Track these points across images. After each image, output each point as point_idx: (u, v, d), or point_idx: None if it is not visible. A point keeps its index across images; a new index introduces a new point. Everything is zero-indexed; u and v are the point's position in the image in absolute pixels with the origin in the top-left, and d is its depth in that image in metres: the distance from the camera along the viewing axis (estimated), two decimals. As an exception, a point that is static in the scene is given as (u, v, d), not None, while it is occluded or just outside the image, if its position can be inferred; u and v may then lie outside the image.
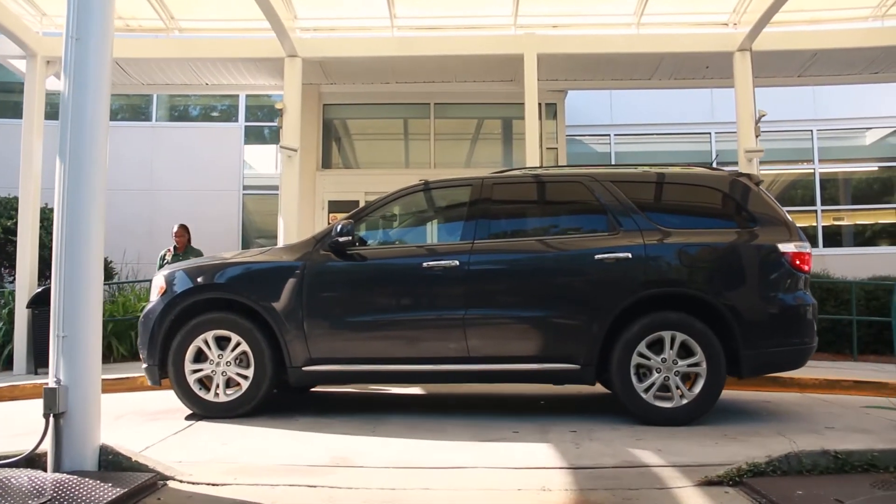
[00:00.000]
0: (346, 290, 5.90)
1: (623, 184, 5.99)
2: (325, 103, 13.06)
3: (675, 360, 5.58)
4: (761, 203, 5.92)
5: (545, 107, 12.62)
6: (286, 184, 10.03)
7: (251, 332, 5.88)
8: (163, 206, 15.95)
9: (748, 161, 9.69)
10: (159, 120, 16.66)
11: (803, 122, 14.63)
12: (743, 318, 5.56)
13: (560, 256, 5.79)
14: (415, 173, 12.83)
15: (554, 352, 5.68)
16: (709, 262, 5.70)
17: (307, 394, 7.15)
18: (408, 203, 6.61)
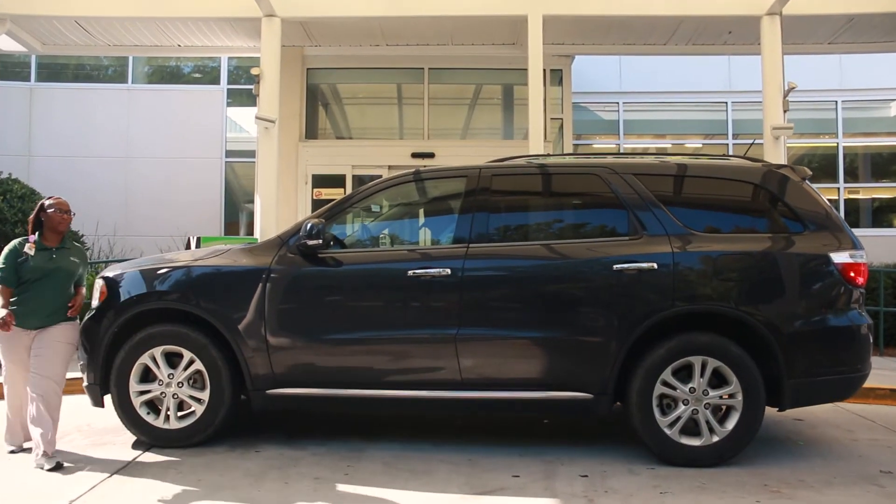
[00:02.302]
0: (317, 301, 5.00)
1: (647, 177, 5.05)
2: (308, 67, 12.00)
3: (705, 390, 4.71)
4: (809, 202, 4.99)
5: (550, 73, 11.64)
6: (263, 157, 9.10)
7: (206, 349, 5.01)
8: (140, 174, 14.97)
9: (775, 139, 8.73)
10: (136, 82, 15.57)
11: (827, 91, 13.57)
12: (787, 341, 4.68)
13: (571, 265, 4.87)
14: (407, 145, 11.89)
15: (562, 379, 4.81)
16: (748, 274, 4.79)
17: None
18: (391, 197, 5.66)
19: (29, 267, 4.90)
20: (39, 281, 4.91)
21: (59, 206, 5.04)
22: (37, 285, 4.91)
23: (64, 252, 5.09)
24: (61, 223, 5.05)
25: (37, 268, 4.92)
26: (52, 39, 10.58)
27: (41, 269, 4.94)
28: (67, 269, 5.06)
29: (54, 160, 14.72)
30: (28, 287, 4.90)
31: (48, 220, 5.01)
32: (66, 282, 5.05)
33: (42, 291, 4.92)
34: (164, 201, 14.77)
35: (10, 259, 4.92)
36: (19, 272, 4.89)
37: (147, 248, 13.56)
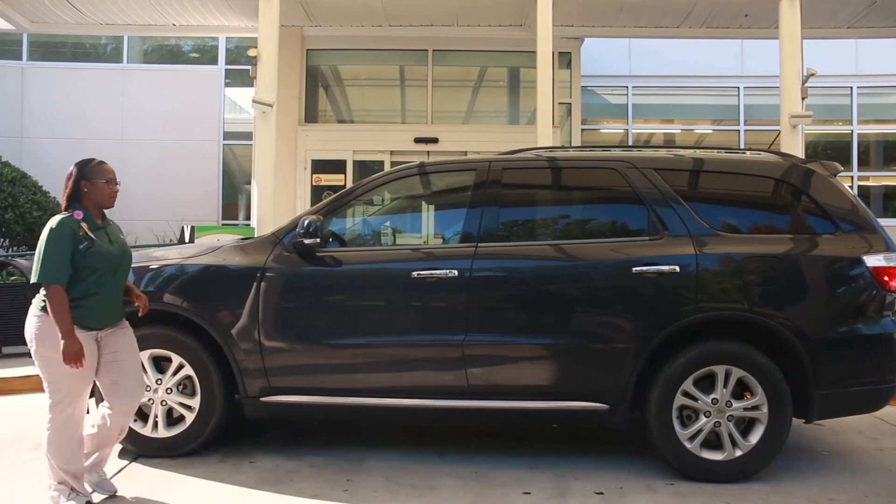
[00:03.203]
0: (315, 303, 4.68)
1: (668, 172, 4.71)
2: (308, 48, 11.64)
3: (728, 401, 4.41)
4: (840, 200, 4.66)
5: (558, 56, 11.27)
6: (261, 142, 8.76)
7: (196, 353, 4.69)
8: (135, 156, 14.63)
9: (792, 128, 8.41)
10: (131, 62, 15.19)
11: (843, 77, 13.19)
12: (816, 350, 4.36)
13: (586, 267, 4.55)
14: (410, 129, 11.55)
15: (576, 388, 4.50)
16: (776, 278, 4.46)
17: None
18: (394, 191, 5.33)
19: (95, 253, 3.76)
20: (104, 270, 3.84)
21: (107, 175, 3.90)
22: (100, 276, 3.83)
23: (113, 231, 4.05)
24: (112, 198, 3.95)
25: (104, 253, 3.83)
26: (41, 17, 10.21)
27: (108, 254, 3.86)
28: (128, 252, 4.08)
29: (47, 141, 14.39)
30: (86, 277, 3.78)
31: (96, 193, 3.85)
32: (129, 268, 4.12)
33: (109, 283, 3.88)
34: (160, 184, 14.45)
35: (66, 246, 3.68)
36: (79, 262, 3.74)
37: (142, 234, 13.28)
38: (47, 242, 3.68)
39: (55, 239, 3.68)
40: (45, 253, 3.68)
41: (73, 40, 15.23)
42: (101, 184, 3.87)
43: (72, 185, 3.85)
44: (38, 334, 3.74)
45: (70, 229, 3.71)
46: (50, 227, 3.71)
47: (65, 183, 3.87)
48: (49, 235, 3.69)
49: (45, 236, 3.70)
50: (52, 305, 3.64)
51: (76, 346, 3.63)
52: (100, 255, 3.79)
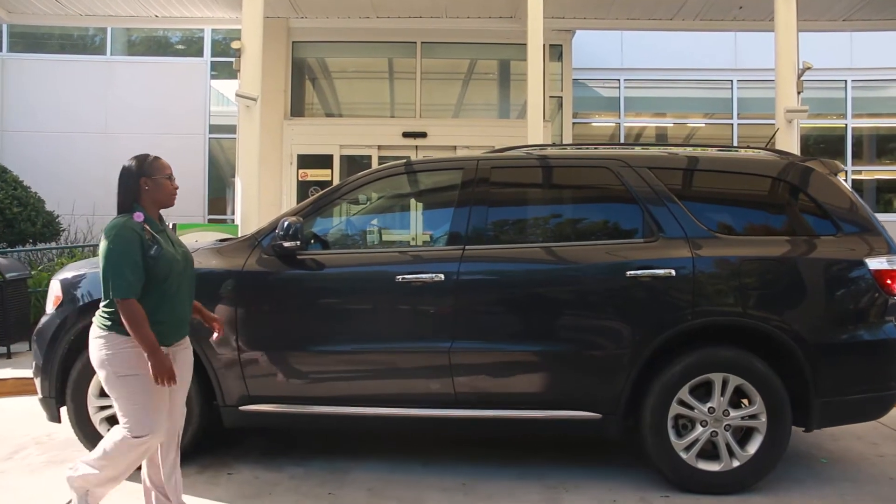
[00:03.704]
0: (295, 308, 4.48)
1: (663, 171, 4.53)
2: (294, 40, 11.40)
3: (725, 410, 4.24)
4: (842, 200, 4.48)
5: (549, 48, 11.08)
6: (245, 138, 8.53)
7: (172, 360, 4.48)
8: (119, 149, 14.24)
9: (788, 122, 8.22)
10: (115, 54, 14.90)
11: (837, 70, 13.04)
12: (816, 356, 4.19)
13: (579, 270, 4.37)
14: (398, 123, 11.35)
15: (567, 397, 4.32)
16: (775, 282, 4.29)
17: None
18: (379, 191, 5.13)
19: (163, 260, 3.35)
20: (172, 278, 3.43)
21: (167, 171, 3.51)
22: (169, 285, 3.41)
23: (172, 233, 3.69)
24: (174, 196, 3.54)
25: (172, 259, 3.42)
26: (18, 7, 9.95)
27: (175, 259, 3.45)
28: (191, 257, 3.66)
29: (28, 135, 14.12)
30: (157, 287, 3.36)
31: (158, 191, 3.44)
32: (193, 274, 3.66)
33: (178, 292, 3.47)
34: (146, 178, 14.14)
35: (136, 253, 3.26)
36: (147, 271, 3.31)
37: (126, 229, 12.98)
38: (113, 251, 3.22)
39: (122, 246, 3.23)
40: (114, 263, 3.22)
41: (55, 32, 14.94)
42: (163, 180, 3.45)
43: (130, 184, 3.40)
44: (111, 356, 3.32)
45: (136, 234, 3.27)
46: (112, 234, 3.25)
47: (121, 182, 3.43)
48: (114, 243, 3.23)
49: (108, 245, 3.24)
50: (131, 322, 3.21)
51: (167, 361, 3.25)
52: (168, 261, 3.38)
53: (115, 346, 3.32)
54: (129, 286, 3.22)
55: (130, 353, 3.30)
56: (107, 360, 3.33)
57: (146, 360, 3.26)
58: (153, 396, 3.35)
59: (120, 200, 3.42)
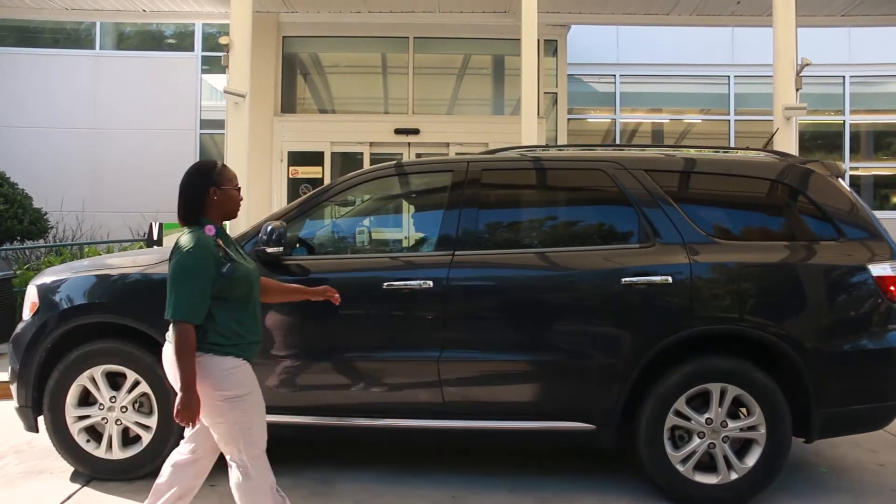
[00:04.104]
0: (278, 316, 4.33)
1: (660, 174, 4.38)
2: (284, 35, 11.22)
3: (724, 421, 4.11)
4: (843, 204, 4.35)
5: (544, 43, 10.91)
6: (233, 135, 8.36)
7: (152, 369, 4.33)
8: (109, 145, 14.20)
9: (786, 120, 8.07)
10: (104, 48, 14.69)
11: (835, 66, 12.89)
12: (818, 366, 4.07)
13: (572, 277, 4.23)
14: (390, 120, 11.20)
15: (561, 407, 4.19)
16: (775, 289, 4.15)
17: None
18: (366, 193, 4.98)
19: (240, 276, 3.13)
20: (254, 293, 3.26)
21: (236, 181, 3.26)
22: (254, 300, 3.24)
23: (239, 246, 3.46)
24: (239, 208, 3.32)
25: (248, 274, 3.21)
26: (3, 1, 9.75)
27: (250, 275, 3.23)
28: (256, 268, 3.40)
29: (14, 130, 13.91)
30: (237, 305, 3.14)
31: (227, 202, 3.20)
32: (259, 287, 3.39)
33: (255, 307, 3.28)
34: (135, 174, 14.03)
35: (210, 272, 3.02)
36: (223, 289, 3.07)
37: (115, 226, 12.91)
38: (186, 268, 2.98)
39: (197, 265, 2.97)
40: (183, 282, 2.98)
41: (45, 25, 14.72)
42: (232, 191, 3.20)
43: (198, 194, 3.13)
44: (223, 377, 3.06)
45: (210, 252, 3.02)
46: (190, 249, 2.99)
47: (186, 191, 3.14)
48: (188, 260, 2.98)
49: (182, 260, 2.99)
50: (181, 348, 2.96)
51: (197, 403, 2.99)
52: (247, 275, 3.16)
53: (213, 365, 3.06)
54: (191, 310, 2.97)
55: (234, 372, 3.10)
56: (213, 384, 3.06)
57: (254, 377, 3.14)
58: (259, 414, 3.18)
59: (184, 211, 3.15)
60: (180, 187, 3.15)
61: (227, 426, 3.11)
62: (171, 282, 3.01)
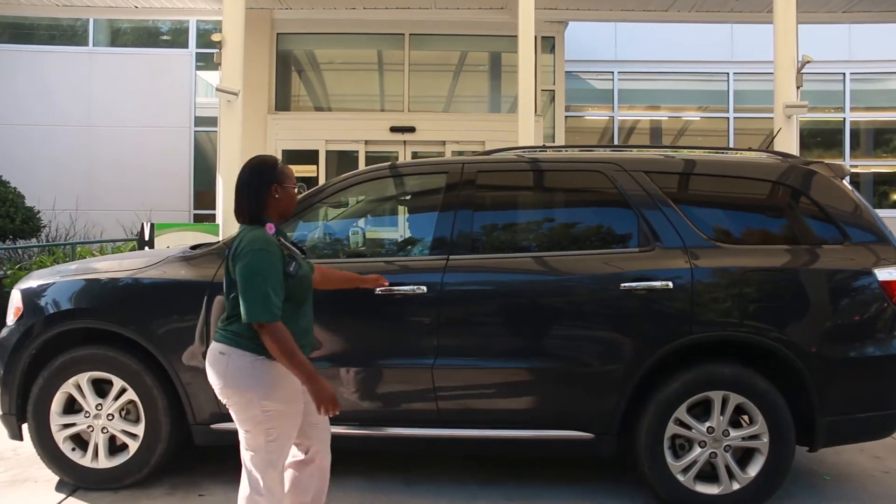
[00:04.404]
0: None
1: (660, 176, 4.27)
2: (278, 32, 11.10)
3: (725, 430, 4.00)
4: (849, 207, 4.24)
5: (541, 40, 10.81)
6: (226, 133, 8.27)
7: (139, 376, 4.24)
8: (103, 143, 14.08)
9: (787, 118, 7.98)
10: (97, 45, 14.55)
11: (835, 63, 12.77)
12: (822, 373, 3.96)
13: (570, 282, 4.12)
14: (385, 118, 11.08)
15: (558, 416, 4.09)
16: (779, 294, 4.04)
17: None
18: (360, 195, 4.86)
19: (303, 276, 3.09)
20: (310, 296, 3.22)
21: (293, 180, 3.17)
22: (308, 304, 3.21)
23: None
24: (295, 204, 3.29)
25: (308, 274, 3.18)
26: (-7, -2, 9.63)
27: (309, 275, 3.20)
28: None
29: (5, 128, 13.78)
30: (295, 306, 3.08)
31: (287, 200, 3.13)
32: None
33: (310, 308, 3.23)
34: (129, 172, 13.94)
35: (279, 271, 2.95)
36: (287, 291, 3.00)
37: (109, 225, 12.79)
38: (260, 268, 2.88)
39: (269, 263, 2.89)
40: (261, 281, 2.87)
41: (36, 22, 14.58)
42: (291, 189, 3.13)
43: (262, 191, 3.04)
44: (270, 385, 2.95)
45: (278, 249, 2.97)
46: (258, 248, 2.90)
47: (248, 188, 3.05)
48: (260, 259, 2.88)
49: (253, 260, 2.88)
50: (283, 348, 2.85)
51: (330, 388, 2.91)
52: (307, 277, 3.12)
53: (265, 371, 2.96)
54: (275, 308, 2.86)
55: (281, 379, 2.97)
56: (262, 389, 2.95)
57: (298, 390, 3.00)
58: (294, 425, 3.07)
59: (244, 209, 3.05)
60: (241, 184, 3.06)
61: (256, 436, 3.01)
62: (245, 283, 2.89)
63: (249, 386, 2.94)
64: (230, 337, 3.01)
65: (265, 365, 2.95)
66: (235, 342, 2.99)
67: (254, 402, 2.94)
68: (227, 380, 2.99)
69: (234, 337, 3.00)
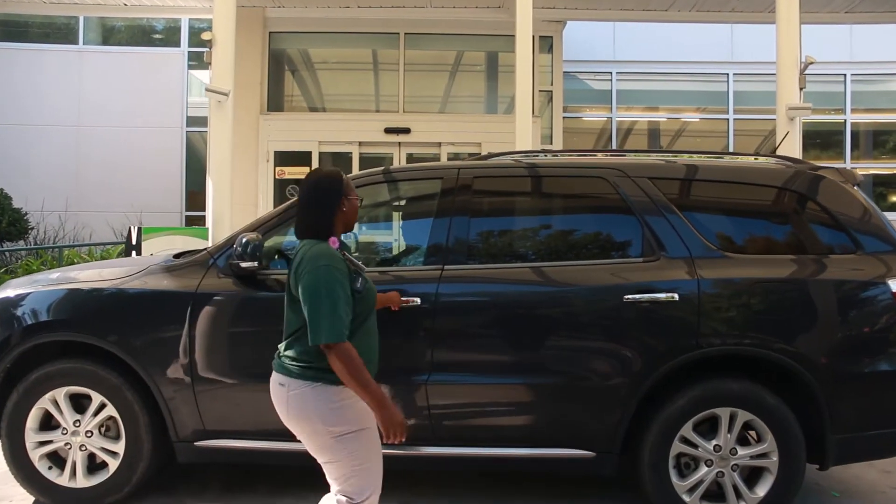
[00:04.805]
0: (254, 335, 4.03)
1: (665, 182, 4.09)
2: (271, 31, 10.90)
3: (733, 448, 3.82)
4: (862, 215, 4.06)
5: (539, 40, 10.63)
6: (216, 134, 8.08)
7: (119, 391, 4.05)
8: (93, 143, 13.88)
9: (789, 120, 7.80)
10: (88, 43, 14.33)
11: (836, 64, 12.60)
12: (835, 389, 3.78)
13: (570, 294, 3.93)
14: (380, 119, 10.91)
15: (558, 432, 3.90)
16: (789, 306, 3.87)
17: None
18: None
19: (369, 292, 2.96)
20: (374, 313, 3.05)
21: (355, 190, 3.05)
22: (373, 321, 3.02)
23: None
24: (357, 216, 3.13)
25: (373, 289, 3.04)
26: (-22, -4, 9.41)
27: (374, 292, 3.09)
28: None
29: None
30: (360, 329, 2.90)
31: (351, 212, 3.00)
32: None
33: (374, 325, 3.04)
34: (120, 173, 13.75)
35: (347, 287, 2.79)
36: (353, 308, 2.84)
37: (98, 227, 12.61)
38: (328, 285, 2.72)
39: (336, 280, 2.72)
40: (330, 301, 2.70)
41: (24, 20, 14.35)
42: (355, 201, 3.01)
43: (332, 203, 2.90)
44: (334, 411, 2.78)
45: (344, 265, 2.83)
46: (324, 264, 2.74)
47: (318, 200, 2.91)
48: (327, 276, 2.73)
49: (320, 277, 2.73)
50: (353, 369, 2.67)
51: (399, 415, 2.75)
52: (371, 292, 2.98)
53: (332, 397, 2.78)
54: (343, 327, 2.71)
55: (349, 405, 2.79)
56: (331, 417, 2.77)
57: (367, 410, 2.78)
58: (375, 451, 2.87)
59: (310, 225, 2.89)
60: (308, 199, 2.93)
61: (340, 465, 2.83)
62: (311, 301, 2.72)
63: (312, 415, 2.77)
64: (288, 366, 2.83)
65: (327, 390, 2.77)
66: (293, 371, 2.81)
67: (320, 430, 2.78)
68: (289, 411, 2.82)
69: (291, 365, 2.82)
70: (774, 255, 3.99)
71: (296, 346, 2.83)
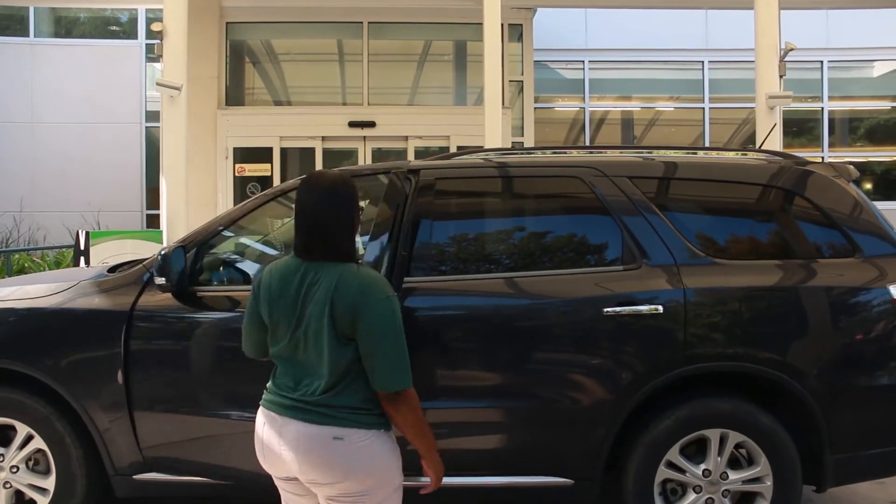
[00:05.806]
0: (197, 357, 3.66)
1: (646, 182, 3.74)
2: (228, 21, 10.48)
3: (724, 472, 3.51)
4: (861, 215, 3.74)
5: (509, 28, 10.31)
6: (170, 132, 7.66)
7: (48, 422, 3.67)
8: (48, 141, 13.36)
9: (769, 109, 7.52)
10: (39, 36, 13.76)
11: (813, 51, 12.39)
12: (833, 407, 3.48)
13: (544, 307, 3.57)
14: (344, 112, 10.54)
15: (532, 459, 3.56)
16: (782, 317, 3.55)
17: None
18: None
19: None
20: None
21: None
22: None
23: None
24: None
25: None
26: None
27: None
28: None
29: (-58, 125, 13.00)
30: None
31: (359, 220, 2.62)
32: None
33: None
34: (77, 170, 13.27)
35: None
36: None
37: (53, 227, 12.14)
38: (398, 319, 2.42)
39: (400, 315, 2.43)
40: (401, 339, 2.42)
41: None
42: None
43: (354, 216, 2.49)
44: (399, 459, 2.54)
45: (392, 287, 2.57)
46: (391, 296, 2.42)
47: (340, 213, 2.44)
48: (395, 310, 2.41)
49: (395, 310, 2.41)
50: (419, 416, 2.50)
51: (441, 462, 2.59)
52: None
53: (390, 447, 2.50)
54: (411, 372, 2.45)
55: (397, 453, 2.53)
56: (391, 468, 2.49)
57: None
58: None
59: (345, 245, 2.45)
60: (328, 212, 2.42)
61: None
62: (391, 339, 2.39)
63: (380, 467, 2.46)
64: (346, 417, 2.41)
65: (390, 437, 2.51)
66: (356, 421, 2.41)
67: (387, 482, 2.48)
68: (352, 466, 2.40)
69: (348, 414, 2.41)
70: (766, 261, 3.66)
71: (352, 390, 2.42)
